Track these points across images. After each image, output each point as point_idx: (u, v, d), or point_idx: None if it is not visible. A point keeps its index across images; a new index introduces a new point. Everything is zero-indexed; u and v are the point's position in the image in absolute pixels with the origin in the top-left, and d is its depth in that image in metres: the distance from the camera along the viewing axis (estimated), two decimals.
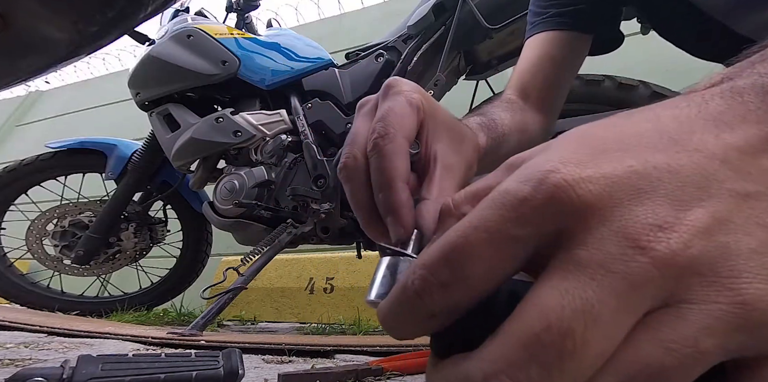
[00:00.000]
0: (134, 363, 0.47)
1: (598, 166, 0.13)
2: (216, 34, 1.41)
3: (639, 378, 0.12)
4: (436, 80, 1.21)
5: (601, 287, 0.12)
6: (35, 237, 1.58)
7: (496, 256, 0.13)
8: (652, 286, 0.12)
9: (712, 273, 0.12)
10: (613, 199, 0.13)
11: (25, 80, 0.57)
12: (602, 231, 0.12)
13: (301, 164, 1.30)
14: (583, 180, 0.13)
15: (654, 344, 0.12)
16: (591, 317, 0.11)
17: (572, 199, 0.12)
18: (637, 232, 0.12)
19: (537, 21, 0.63)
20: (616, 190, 0.13)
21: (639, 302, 0.12)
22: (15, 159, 1.69)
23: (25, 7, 0.43)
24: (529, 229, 0.13)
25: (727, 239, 0.12)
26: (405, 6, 2.03)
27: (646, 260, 0.12)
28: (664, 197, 0.13)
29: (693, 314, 0.12)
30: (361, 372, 0.60)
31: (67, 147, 1.62)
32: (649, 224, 0.12)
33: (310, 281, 2.00)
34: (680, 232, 0.12)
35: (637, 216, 0.12)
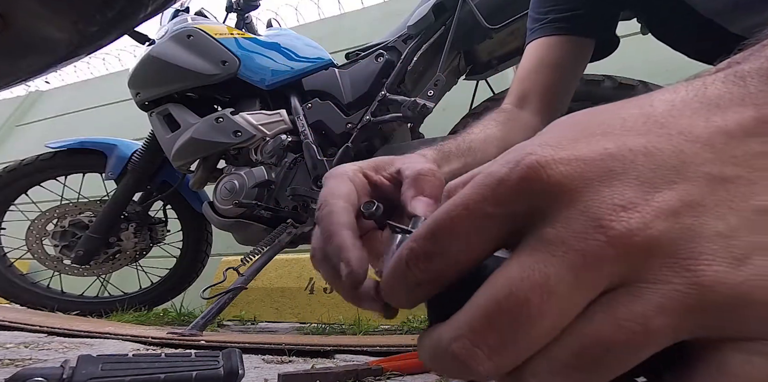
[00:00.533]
0: (134, 363, 0.47)
1: (574, 148, 0.13)
2: (216, 34, 1.41)
3: (591, 351, 0.12)
4: (436, 80, 1.21)
5: (560, 263, 0.12)
6: (35, 237, 1.58)
7: (474, 232, 0.14)
8: (609, 264, 0.12)
9: (671, 254, 0.12)
10: (584, 180, 0.13)
11: (25, 80, 0.57)
12: (570, 210, 0.13)
13: (301, 164, 1.30)
14: (556, 162, 0.13)
15: (607, 320, 0.12)
16: (547, 289, 0.12)
17: (543, 179, 0.13)
18: (601, 212, 0.12)
19: (536, 27, 0.64)
20: (588, 171, 0.13)
21: (595, 279, 0.12)
22: (15, 159, 1.69)
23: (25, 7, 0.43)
24: (503, 207, 0.14)
25: (692, 221, 0.12)
26: (405, 6, 2.03)
27: (604, 238, 0.12)
28: (635, 178, 0.13)
29: (647, 294, 0.12)
30: (361, 372, 0.60)
31: (67, 147, 1.62)
32: (614, 204, 0.12)
33: (310, 281, 1.99)
34: (643, 212, 0.12)
35: (604, 197, 0.13)
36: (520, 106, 0.60)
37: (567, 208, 0.13)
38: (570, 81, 0.63)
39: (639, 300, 0.12)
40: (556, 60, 0.61)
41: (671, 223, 0.12)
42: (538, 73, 0.61)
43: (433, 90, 1.20)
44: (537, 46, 0.63)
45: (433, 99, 1.20)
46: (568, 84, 0.62)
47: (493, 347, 0.13)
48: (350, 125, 1.28)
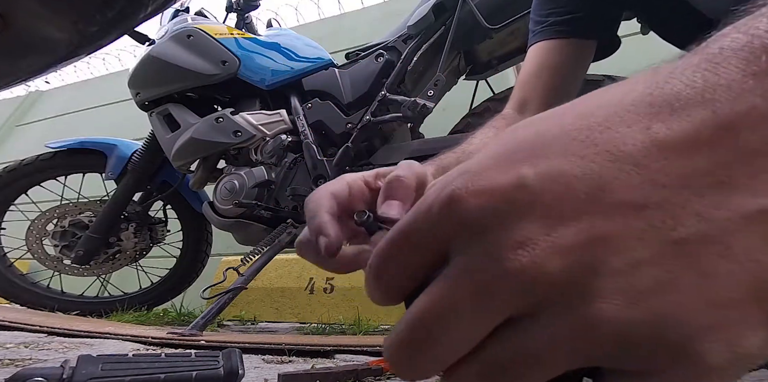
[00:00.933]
0: (134, 363, 0.47)
1: (490, 178, 0.13)
2: (216, 34, 1.41)
3: (491, 372, 0.13)
4: (436, 80, 1.21)
5: (461, 293, 0.13)
6: (35, 237, 1.58)
7: (410, 253, 0.15)
8: (506, 296, 0.13)
9: (564, 291, 0.12)
10: (493, 213, 0.13)
11: (25, 80, 0.57)
12: (478, 243, 0.13)
13: (301, 164, 1.30)
14: (469, 194, 0.13)
15: (503, 346, 0.13)
16: (450, 313, 0.13)
17: (456, 212, 0.13)
18: (501, 248, 0.13)
19: (537, 30, 0.64)
20: (496, 204, 0.13)
21: (493, 309, 0.13)
22: (15, 159, 1.69)
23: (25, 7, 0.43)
24: (429, 235, 0.14)
25: (590, 258, 0.12)
26: (405, 6, 2.03)
27: (500, 273, 0.12)
28: (541, 211, 0.13)
29: (540, 327, 0.12)
30: (361, 372, 0.60)
31: (67, 147, 1.62)
32: (514, 241, 0.12)
33: (310, 281, 1.99)
34: (538, 249, 0.12)
35: (507, 232, 0.13)
36: (521, 111, 0.60)
37: (476, 240, 0.13)
38: (571, 83, 0.63)
39: (533, 332, 0.13)
40: (557, 63, 0.61)
41: (567, 260, 0.12)
42: (539, 78, 0.61)
43: (433, 90, 1.20)
44: (538, 49, 0.63)
45: (433, 99, 1.20)
46: (569, 87, 0.62)
47: (409, 361, 0.14)
48: (350, 125, 1.28)
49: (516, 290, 0.12)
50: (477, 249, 0.13)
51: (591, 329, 0.12)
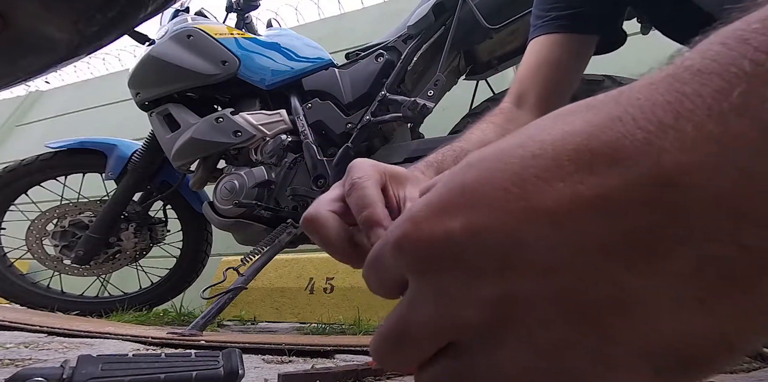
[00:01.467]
0: (134, 363, 0.47)
1: (431, 224, 0.14)
2: (216, 34, 1.41)
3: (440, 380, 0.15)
4: (436, 80, 1.21)
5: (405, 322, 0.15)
6: (35, 237, 1.58)
7: (380, 275, 0.17)
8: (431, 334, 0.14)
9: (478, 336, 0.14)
10: (425, 262, 0.14)
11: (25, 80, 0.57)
12: (415, 285, 0.15)
13: (301, 164, 1.30)
14: (409, 241, 0.14)
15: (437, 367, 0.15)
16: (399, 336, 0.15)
17: (401, 257, 0.15)
18: (430, 293, 0.14)
19: (538, 24, 0.63)
20: (430, 254, 0.14)
21: (427, 339, 0.15)
22: (15, 159, 1.69)
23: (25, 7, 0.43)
24: (390, 266, 0.16)
25: (501, 312, 0.13)
26: (405, 6, 2.03)
27: (428, 314, 0.14)
28: (463, 265, 0.13)
29: (461, 359, 0.14)
30: (361, 372, 0.60)
31: (67, 147, 1.62)
32: (439, 289, 0.14)
33: (310, 281, 1.99)
34: (457, 300, 0.13)
35: (434, 280, 0.14)
36: (519, 104, 0.60)
37: (411, 276, 0.15)
38: (571, 78, 0.63)
39: (458, 362, 0.14)
40: (558, 58, 0.61)
41: (481, 312, 0.13)
42: (538, 71, 0.60)
43: (433, 90, 1.20)
44: (539, 43, 0.62)
45: (433, 99, 1.20)
46: (569, 81, 0.62)
47: (381, 361, 0.17)
48: (350, 125, 1.28)
49: (439, 331, 0.14)
50: (414, 289, 0.15)
51: (496, 370, 0.13)
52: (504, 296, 0.13)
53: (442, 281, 0.14)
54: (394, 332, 0.15)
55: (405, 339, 0.15)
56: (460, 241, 0.13)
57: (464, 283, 0.13)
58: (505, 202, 0.13)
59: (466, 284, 0.13)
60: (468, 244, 0.13)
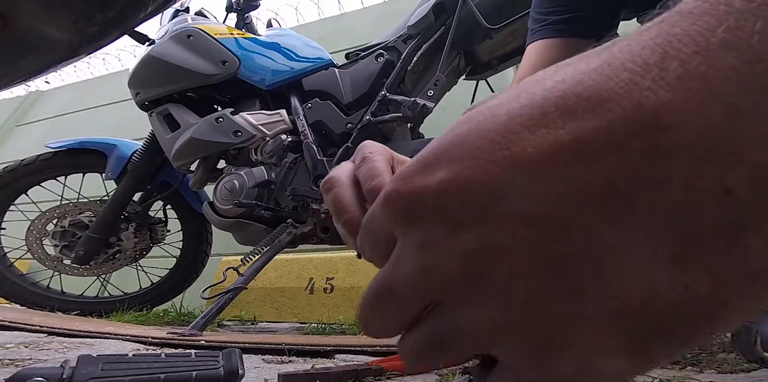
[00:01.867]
0: (134, 363, 0.47)
1: (417, 180, 0.14)
2: (216, 34, 1.41)
3: (418, 349, 0.16)
4: (436, 80, 1.21)
5: (390, 281, 0.15)
6: (35, 237, 1.58)
7: (374, 236, 0.17)
8: (414, 290, 0.14)
9: (457, 290, 0.13)
10: (413, 215, 0.14)
11: (25, 80, 0.57)
12: (402, 240, 0.15)
13: (301, 164, 1.30)
14: (399, 196, 0.14)
15: (421, 329, 0.15)
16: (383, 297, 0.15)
17: (389, 213, 0.15)
18: (414, 246, 0.14)
19: (536, 28, 0.64)
20: (415, 207, 0.14)
21: (411, 297, 0.15)
22: (15, 159, 1.69)
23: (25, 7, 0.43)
24: (380, 226, 0.16)
25: (480, 264, 0.13)
26: (405, 6, 2.03)
27: (411, 270, 0.14)
28: (447, 216, 0.13)
29: (443, 317, 0.14)
30: (361, 372, 0.60)
31: (67, 147, 1.63)
32: (423, 241, 0.14)
33: (310, 281, 1.99)
34: (440, 252, 0.13)
35: (420, 232, 0.14)
36: None
37: (399, 231, 0.15)
38: None
39: (439, 321, 0.15)
40: (555, 62, 0.61)
41: (462, 264, 0.13)
42: None
43: (433, 90, 1.21)
44: (537, 47, 0.63)
45: (433, 99, 1.20)
46: None
47: (366, 324, 0.17)
48: (350, 125, 1.28)
49: (422, 286, 0.14)
50: (401, 245, 0.15)
51: (475, 325, 0.13)
52: (483, 246, 0.13)
53: (426, 232, 0.14)
54: (379, 291, 0.16)
55: (389, 297, 0.15)
56: (444, 191, 0.13)
57: (447, 234, 0.13)
58: (489, 152, 0.12)
59: (448, 235, 0.13)
60: (451, 194, 0.13)
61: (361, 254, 0.19)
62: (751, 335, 0.56)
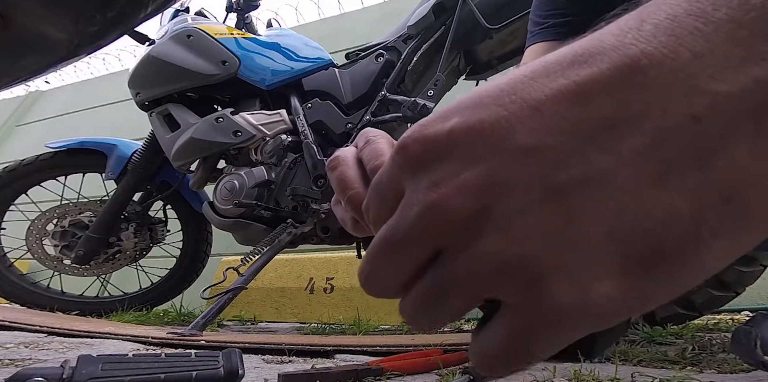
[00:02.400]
0: (134, 363, 0.47)
1: (429, 127, 0.15)
2: (216, 34, 1.41)
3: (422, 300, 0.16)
4: (436, 80, 1.21)
5: (396, 227, 0.15)
6: (35, 237, 1.58)
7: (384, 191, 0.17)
8: (421, 231, 0.15)
9: (464, 227, 0.14)
10: (424, 155, 0.15)
11: (25, 80, 0.57)
12: (413, 181, 0.15)
13: (301, 164, 1.30)
14: (412, 142, 0.15)
15: (426, 278, 0.15)
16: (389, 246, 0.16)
17: (403, 156, 0.16)
18: (423, 185, 0.15)
19: (536, 31, 0.64)
20: (428, 148, 0.15)
21: (417, 241, 0.15)
22: (15, 159, 1.69)
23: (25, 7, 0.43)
24: (392, 175, 0.17)
25: (487, 198, 0.14)
26: (405, 6, 2.03)
27: (416, 210, 0.15)
28: (458, 154, 0.14)
29: (448, 261, 0.15)
30: (361, 372, 0.60)
31: (67, 147, 1.63)
32: (432, 180, 0.14)
33: (310, 281, 2.00)
34: (448, 188, 0.14)
35: (430, 171, 0.15)
36: None
37: (410, 179, 0.15)
38: None
39: (444, 266, 0.15)
40: None
41: (469, 200, 0.14)
42: None
43: (433, 90, 1.21)
44: (537, 50, 0.63)
45: (433, 99, 1.20)
46: None
47: (367, 279, 0.17)
48: (350, 125, 1.28)
49: (428, 226, 0.14)
50: (411, 188, 0.15)
51: (479, 262, 0.14)
52: (489, 181, 0.14)
53: (436, 172, 0.14)
54: (384, 239, 0.16)
55: (394, 245, 0.15)
56: (456, 133, 0.14)
57: (456, 172, 0.14)
58: (498, 98, 0.14)
59: (457, 173, 0.14)
60: (463, 134, 0.14)
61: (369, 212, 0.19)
62: (750, 338, 0.56)
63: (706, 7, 0.12)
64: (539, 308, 0.13)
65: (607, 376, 0.58)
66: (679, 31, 0.12)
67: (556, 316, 0.13)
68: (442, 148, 0.15)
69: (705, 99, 0.12)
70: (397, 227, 0.15)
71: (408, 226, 0.15)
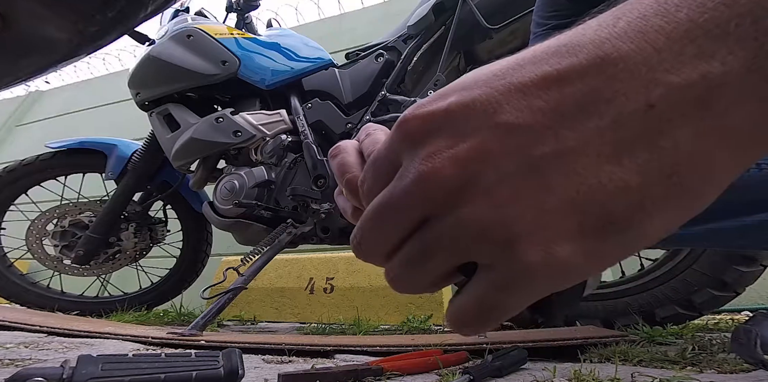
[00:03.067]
0: (134, 363, 0.47)
1: (430, 105, 0.17)
2: (216, 34, 1.41)
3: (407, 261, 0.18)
4: (436, 80, 1.21)
5: (391, 194, 0.17)
6: (35, 237, 1.58)
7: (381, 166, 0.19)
8: (413, 197, 0.16)
9: (451, 194, 0.16)
10: (421, 130, 0.17)
11: (25, 80, 0.57)
12: (408, 154, 0.17)
13: (301, 164, 1.30)
14: (413, 118, 0.17)
15: (413, 241, 0.17)
16: (383, 210, 0.17)
17: (401, 131, 0.17)
18: (418, 157, 0.16)
19: (538, 32, 0.64)
20: (425, 123, 0.17)
21: (409, 207, 0.17)
22: (15, 159, 1.69)
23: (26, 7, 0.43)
24: (391, 150, 0.18)
25: (473, 168, 0.15)
26: (405, 6, 2.03)
27: (411, 178, 0.16)
28: (451, 129, 0.16)
29: (435, 225, 0.16)
30: (361, 372, 0.60)
31: (67, 147, 1.62)
32: (427, 152, 0.16)
33: (310, 281, 1.99)
34: (440, 158, 0.16)
35: (425, 144, 0.16)
36: None
37: (407, 152, 0.17)
38: None
39: (430, 230, 0.16)
40: None
41: (457, 169, 0.15)
42: None
43: (433, 90, 1.20)
44: None
45: None
46: None
47: (360, 241, 0.19)
48: (350, 125, 1.28)
49: (422, 191, 0.16)
50: (407, 160, 0.17)
51: (462, 226, 0.16)
52: (479, 153, 0.15)
53: (432, 144, 0.16)
54: (379, 205, 0.17)
55: (387, 210, 0.17)
56: (452, 110, 0.16)
57: (449, 145, 0.16)
58: (490, 81, 0.16)
59: (450, 145, 0.16)
60: (458, 111, 0.16)
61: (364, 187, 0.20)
62: (750, 337, 0.56)
63: (671, 7, 0.14)
64: (512, 266, 0.15)
65: (607, 376, 0.58)
66: (646, 29, 0.14)
67: (526, 273, 0.15)
68: (440, 122, 0.16)
69: (660, 89, 0.14)
70: (392, 194, 0.17)
71: (402, 192, 0.16)
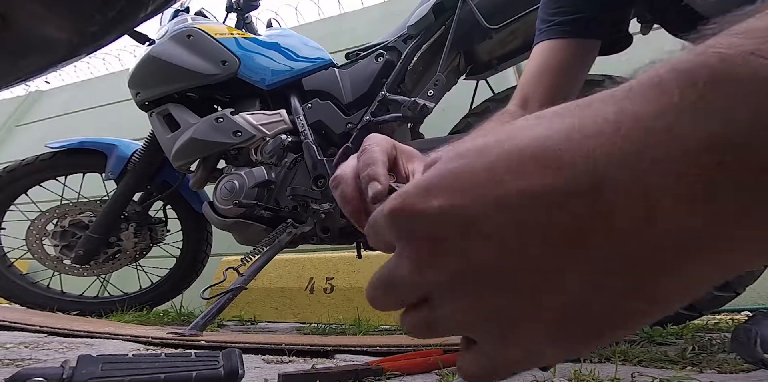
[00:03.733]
0: (134, 363, 0.47)
1: (414, 203, 0.18)
2: (216, 34, 1.41)
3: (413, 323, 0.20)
4: (436, 80, 1.21)
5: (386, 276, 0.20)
6: (35, 237, 1.58)
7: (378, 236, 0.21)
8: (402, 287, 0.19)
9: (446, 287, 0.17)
10: (404, 228, 0.18)
11: (25, 80, 0.57)
12: (400, 248, 0.19)
13: (301, 164, 1.30)
14: (398, 213, 0.18)
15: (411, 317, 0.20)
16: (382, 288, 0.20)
17: (390, 222, 0.19)
18: (401, 253, 0.19)
19: (543, 29, 0.64)
20: (408, 223, 0.18)
21: (401, 291, 0.19)
22: (15, 159, 1.69)
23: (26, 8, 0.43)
24: (382, 230, 0.20)
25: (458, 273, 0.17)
26: (405, 6, 2.03)
27: (396, 272, 0.19)
28: (432, 237, 0.17)
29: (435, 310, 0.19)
30: (361, 372, 0.60)
31: (67, 147, 1.62)
32: (415, 257, 0.18)
33: (310, 281, 1.99)
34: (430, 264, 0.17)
35: (407, 243, 0.18)
36: (524, 107, 0.61)
37: (398, 245, 0.19)
38: (574, 83, 0.63)
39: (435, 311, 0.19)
40: (561, 63, 0.61)
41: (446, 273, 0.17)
42: (542, 76, 0.61)
43: (433, 90, 1.20)
44: (542, 48, 0.63)
45: (433, 99, 1.20)
46: (572, 84, 0.63)
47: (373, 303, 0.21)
48: (350, 125, 1.28)
49: (414, 284, 0.18)
50: (398, 250, 0.19)
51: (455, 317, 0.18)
52: (456, 265, 0.16)
53: (417, 247, 0.18)
54: (383, 282, 0.20)
55: (391, 288, 0.20)
56: (434, 216, 0.17)
57: (431, 251, 0.17)
58: (472, 189, 0.16)
59: (432, 251, 0.17)
60: (439, 219, 0.17)
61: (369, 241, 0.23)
62: (750, 337, 0.56)
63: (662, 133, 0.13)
64: (499, 354, 0.18)
65: (607, 376, 0.58)
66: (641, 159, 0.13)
67: (508, 364, 0.18)
68: (422, 226, 0.17)
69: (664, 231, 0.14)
70: (392, 277, 0.19)
71: (400, 281, 0.19)
